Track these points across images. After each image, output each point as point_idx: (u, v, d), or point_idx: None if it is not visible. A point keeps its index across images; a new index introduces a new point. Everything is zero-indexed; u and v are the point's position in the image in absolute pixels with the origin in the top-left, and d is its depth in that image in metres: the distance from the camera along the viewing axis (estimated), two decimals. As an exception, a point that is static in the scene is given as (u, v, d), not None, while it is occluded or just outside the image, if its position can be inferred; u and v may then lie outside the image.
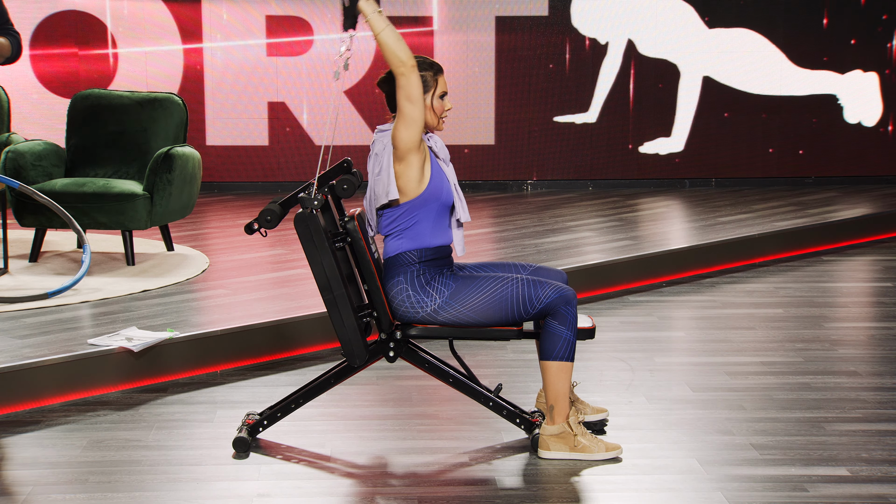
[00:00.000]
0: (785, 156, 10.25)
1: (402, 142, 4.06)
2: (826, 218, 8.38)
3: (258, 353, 5.35)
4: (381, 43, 4.01)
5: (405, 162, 4.09)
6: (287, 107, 9.85)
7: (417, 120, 4.04)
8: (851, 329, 5.96)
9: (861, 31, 10.09)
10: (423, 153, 4.11)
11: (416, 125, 4.04)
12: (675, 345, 5.67)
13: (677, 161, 10.17)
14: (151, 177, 6.59)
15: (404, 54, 3.99)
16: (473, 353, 5.44)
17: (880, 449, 4.25)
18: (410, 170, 4.10)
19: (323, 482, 3.99)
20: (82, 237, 6.21)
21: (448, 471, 4.08)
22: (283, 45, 9.78)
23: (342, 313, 4.10)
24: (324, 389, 4.30)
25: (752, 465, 4.10)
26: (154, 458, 4.18)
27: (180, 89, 9.68)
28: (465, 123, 9.97)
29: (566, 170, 10.15)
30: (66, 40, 9.58)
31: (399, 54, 3.99)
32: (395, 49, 3.99)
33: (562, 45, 9.96)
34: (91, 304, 5.76)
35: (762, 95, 10.12)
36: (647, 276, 7.00)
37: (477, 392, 4.27)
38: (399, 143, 4.06)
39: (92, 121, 7.06)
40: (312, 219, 4.03)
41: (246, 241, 7.46)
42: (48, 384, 4.75)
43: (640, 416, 4.60)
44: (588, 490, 3.92)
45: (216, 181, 9.90)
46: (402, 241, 4.16)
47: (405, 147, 4.06)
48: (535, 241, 7.56)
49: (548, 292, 4.12)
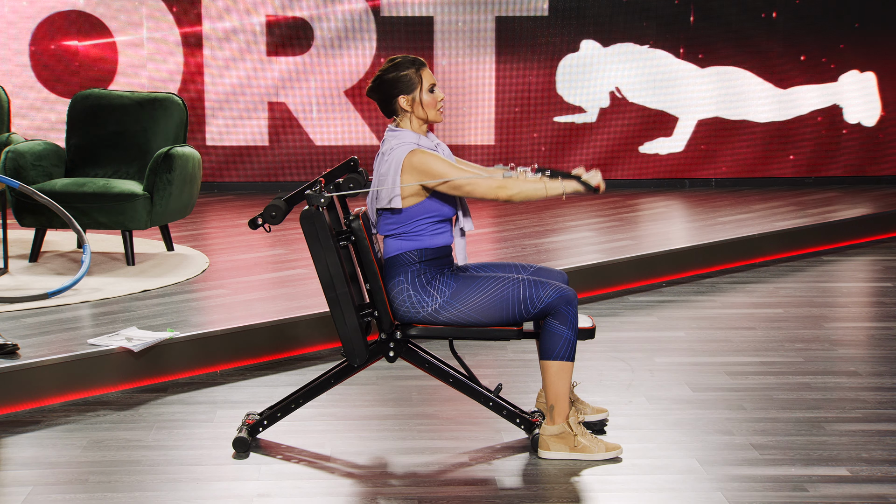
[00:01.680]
0: (785, 156, 10.25)
1: (435, 188, 4.10)
2: (826, 218, 8.38)
3: (258, 353, 5.35)
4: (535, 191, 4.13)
5: (412, 180, 4.10)
6: (287, 107, 9.85)
7: (447, 191, 4.13)
8: (851, 329, 5.96)
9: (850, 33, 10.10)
10: (431, 189, 4.14)
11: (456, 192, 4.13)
12: (675, 345, 5.67)
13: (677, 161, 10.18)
14: (151, 177, 6.59)
15: (513, 199, 4.11)
16: (473, 353, 5.44)
17: (880, 449, 4.25)
18: (414, 186, 4.11)
19: (323, 482, 3.99)
20: (82, 237, 6.21)
21: (448, 471, 4.08)
22: (283, 46, 9.78)
23: (344, 312, 4.10)
24: (324, 389, 4.30)
25: (752, 465, 4.10)
26: (154, 458, 4.18)
27: (180, 89, 9.68)
28: (465, 123, 9.97)
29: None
30: (67, 40, 9.58)
31: (515, 198, 4.11)
32: (524, 198, 4.12)
33: (562, 45, 9.97)
34: (91, 304, 5.76)
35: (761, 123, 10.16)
36: (647, 276, 7.00)
37: (477, 392, 4.27)
38: (432, 186, 4.10)
39: (92, 121, 7.06)
40: (318, 216, 4.04)
41: (246, 241, 7.46)
42: (48, 384, 4.75)
43: (640, 416, 4.60)
44: (588, 490, 3.92)
45: (216, 181, 9.90)
46: (402, 241, 4.16)
47: (431, 188, 4.11)
48: (535, 241, 7.56)
49: (549, 292, 4.12)
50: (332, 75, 9.84)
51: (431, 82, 4.20)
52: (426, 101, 4.18)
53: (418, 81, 4.17)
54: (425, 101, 4.18)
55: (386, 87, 4.17)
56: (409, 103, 4.17)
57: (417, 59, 4.21)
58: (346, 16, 9.78)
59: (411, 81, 4.16)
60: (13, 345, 4.82)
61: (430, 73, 4.20)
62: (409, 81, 4.16)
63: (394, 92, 4.16)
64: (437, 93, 4.22)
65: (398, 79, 4.15)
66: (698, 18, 10.02)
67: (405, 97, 4.16)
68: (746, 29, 10.04)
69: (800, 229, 8.00)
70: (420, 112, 4.18)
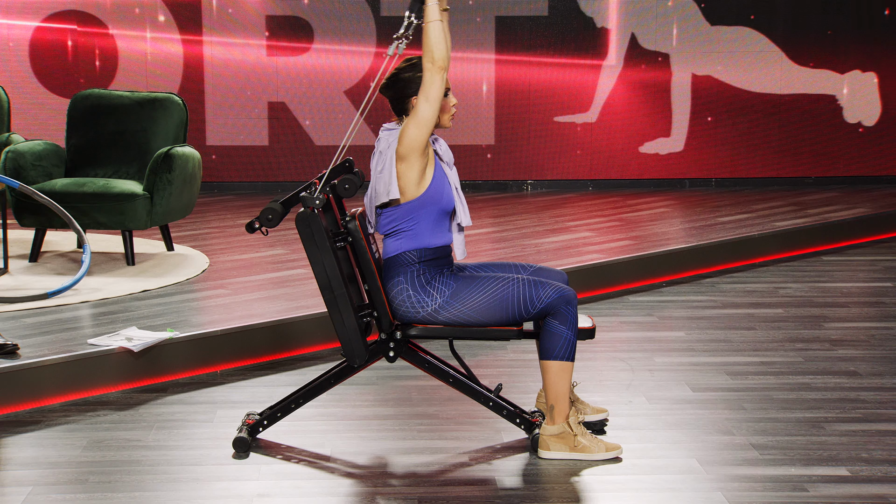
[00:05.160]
0: (785, 156, 10.25)
1: (410, 140, 4.04)
2: (826, 218, 8.38)
3: (258, 353, 5.35)
4: (427, 32, 3.99)
5: (407, 162, 4.08)
6: (287, 106, 9.85)
7: (430, 120, 4.03)
8: (851, 329, 5.96)
9: (860, 30, 10.09)
10: (426, 156, 4.10)
11: (427, 126, 4.03)
12: (675, 345, 5.67)
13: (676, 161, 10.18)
14: (151, 177, 6.59)
15: (440, 53, 3.98)
16: (473, 353, 5.44)
17: (880, 449, 4.25)
18: (411, 171, 4.09)
19: (323, 482, 3.99)
20: (82, 237, 6.21)
21: (448, 471, 4.08)
22: (283, 46, 9.78)
23: (342, 313, 4.10)
24: (324, 389, 4.30)
25: (752, 465, 4.10)
26: (154, 458, 4.18)
27: (180, 89, 9.68)
28: (465, 123, 9.97)
29: (566, 170, 10.15)
30: (67, 40, 9.57)
31: (436, 51, 3.98)
32: (435, 43, 3.98)
33: (562, 45, 9.96)
34: (91, 304, 5.76)
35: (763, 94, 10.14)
36: (647, 276, 7.00)
37: (477, 392, 4.27)
38: (406, 140, 4.04)
39: (92, 121, 7.06)
40: (314, 218, 4.03)
41: (246, 241, 7.46)
42: (48, 384, 4.75)
43: (640, 416, 4.60)
44: (588, 490, 3.92)
45: (216, 181, 9.90)
46: (402, 241, 4.15)
47: (411, 146, 4.05)
48: (535, 241, 7.56)
49: (548, 292, 4.12)
50: (332, 75, 9.84)
51: (447, 86, 4.17)
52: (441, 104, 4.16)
53: None
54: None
55: (401, 85, 4.15)
56: None
57: None
58: (346, 15, 9.78)
59: None
60: (13, 345, 4.82)
61: (447, 79, 4.18)
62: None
63: (408, 91, 4.15)
64: (451, 97, 4.20)
65: (414, 79, 4.13)
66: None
67: (419, 98, 4.13)
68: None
69: (800, 229, 8.00)
70: None
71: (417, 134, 4.03)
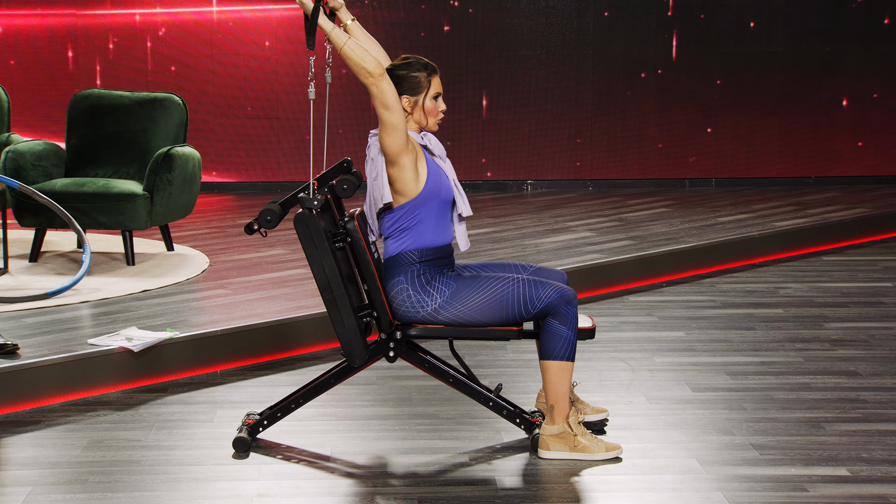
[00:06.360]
0: (785, 156, 10.25)
1: (389, 147, 4.06)
2: (826, 218, 8.38)
3: (258, 353, 5.35)
4: (345, 58, 4.00)
5: (397, 165, 4.09)
6: (287, 106, 9.85)
7: (397, 125, 4.03)
8: (851, 329, 5.96)
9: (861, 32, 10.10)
10: (412, 153, 4.10)
11: (397, 131, 4.03)
12: (675, 345, 5.66)
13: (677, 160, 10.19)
14: (151, 177, 6.59)
15: (370, 65, 3.97)
16: (473, 353, 5.44)
17: (880, 449, 4.25)
18: (404, 172, 4.10)
19: (323, 482, 3.99)
20: (82, 237, 6.21)
21: (448, 471, 4.08)
22: (283, 45, 9.77)
23: (342, 313, 4.10)
24: (324, 389, 4.30)
25: (752, 465, 4.10)
26: (154, 458, 4.18)
27: (180, 89, 9.68)
28: (464, 123, 9.97)
29: (566, 170, 10.15)
30: (67, 40, 9.57)
31: (364, 65, 3.97)
32: (359, 61, 3.97)
33: (561, 44, 9.97)
34: (91, 304, 5.76)
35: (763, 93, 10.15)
36: (647, 276, 7.00)
37: (477, 392, 4.27)
38: (386, 149, 4.06)
39: (92, 121, 7.06)
40: (312, 219, 4.03)
41: (246, 241, 7.46)
42: (48, 384, 4.75)
43: (640, 416, 4.60)
44: (588, 490, 3.92)
45: (216, 181, 9.90)
46: (403, 240, 4.15)
47: (393, 152, 4.06)
48: (535, 241, 7.56)
49: (548, 292, 4.12)
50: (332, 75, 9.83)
51: (438, 91, 4.18)
52: (428, 107, 4.17)
53: (426, 86, 4.16)
54: (427, 107, 4.17)
55: (392, 82, 4.16)
56: (411, 105, 4.16)
57: (431, 63, 4.19)
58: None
59: (419, 84, 4.15)
60: (13, 345, 4.82)
61: (438, 82, 4.19)
62: (416, 83, 4.15)
63: (398, 90, 4.15)
64: (441, 103, 4.21)
65: (406, 78, 4.14)
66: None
67: (408, 98, 4.15)
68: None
69: (800, 229, 8.00)
70: (419, 116, 4.17)
71: (391, 140, 4.04)
